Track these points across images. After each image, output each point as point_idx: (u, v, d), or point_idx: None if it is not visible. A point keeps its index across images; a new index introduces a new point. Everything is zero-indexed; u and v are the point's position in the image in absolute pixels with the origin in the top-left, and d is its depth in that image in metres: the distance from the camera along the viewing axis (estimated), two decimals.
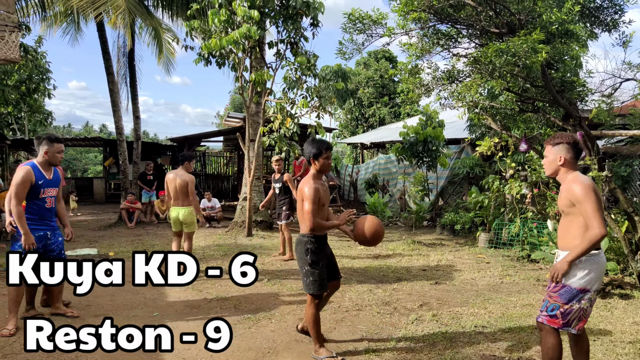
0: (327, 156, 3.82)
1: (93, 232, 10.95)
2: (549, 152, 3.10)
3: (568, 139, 3.04)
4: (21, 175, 4.32)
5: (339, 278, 4.15)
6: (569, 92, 7.33)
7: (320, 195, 3.76)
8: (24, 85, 19.28)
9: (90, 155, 40.74)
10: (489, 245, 8.66)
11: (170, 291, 5.81)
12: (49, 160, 4.50)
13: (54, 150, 4.50)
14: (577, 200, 2.86)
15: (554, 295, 2.97)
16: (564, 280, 2.92)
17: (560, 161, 3.03)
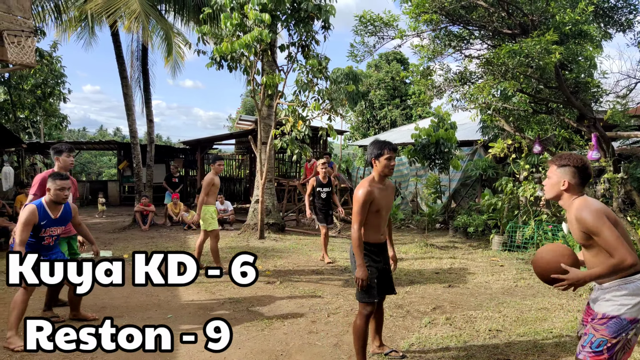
0: (389, 157, 3.52)
1: (108, 234, 11.07)
2: (553, 173, 2.76)
3: (576, 162, 2.69)
4: (25, 216, 4.25)
5: (392, 294, 3.87)
6: (583, 93, 7.25)
7: (374, 198, 3.50)
8: (39, 90, 19.60)
9: (105, 158, 41.20)
10: (502, 248, 8.58)
11: (183, 293, 5.86)
12: (53, 200, 4.40)
13: (55, 188, 4.38)
14: (592, 232, 2.54)
15: (600, 328, 2.58)
16: (612, 311, 2.57)
17: (564, 186, 2.70)
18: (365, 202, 3.47)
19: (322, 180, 7.95)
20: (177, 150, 21.92)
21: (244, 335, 4.40)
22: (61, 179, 4.42)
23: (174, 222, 12.56)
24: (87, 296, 5.64)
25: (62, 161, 5.04)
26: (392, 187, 3.80)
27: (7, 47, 5.75)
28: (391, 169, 3.58)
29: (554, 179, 2.75)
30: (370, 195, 3.49)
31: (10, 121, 19.49)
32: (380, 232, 3.65)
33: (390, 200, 3.72)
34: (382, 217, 3.61)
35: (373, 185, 3.56)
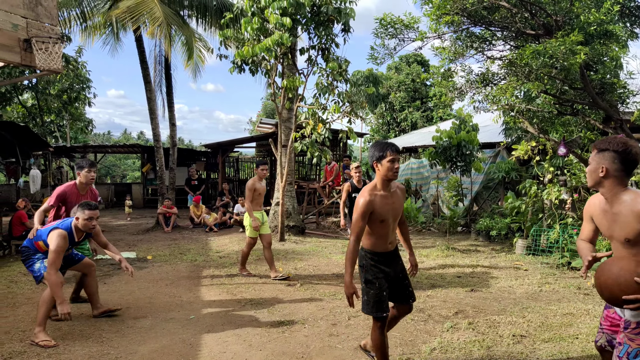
0: (392, 159, 3.19)
1: (132, 236, 11.26)
2: (592, 158, 2.53)
3: (617, 146, 2.42)
4: (57, 243, 4.31)
5: (409, 303, 3.58)
6: (609, 94, 7.11)
7: (375, 209, 3.23)
8: (65, 94, 20.11)
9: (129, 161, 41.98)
10: (526, 252, 8.44)
11: (205, 294, 5.92)
12: (81, 229, 4.53)
13: (84, 218, 4.48)
14: None
15: (636, 338, 2.41)
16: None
17: (602, 172, 2.45)
18: (364, 213, 3.19)
19: (357, 185, 7.49)
20: (198, 153, 22.19)
21: (265, 337, 4.43)
22: (90, 209, 4.52)
23: (196, 224, 12.71)
24: (112, 296, 5.78)
25: (83, 176, 5.19)
26: (401, 191, 3.46)
27: (35, 53, 5.90)
28: (395, 172, 3.23)
29: (593, 165, 2.51)
30: (370, 206, 3.21)
31: (38, 125, 20.04)
32: (388, 241, 3.39)
33: (399, 206, 3.39)
34: (388, 226, 3.34)
35: (374, 193, 3.26)
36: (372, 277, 3.33)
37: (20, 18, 5.87)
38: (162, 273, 7.16)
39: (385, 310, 3.32)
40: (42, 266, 4.44)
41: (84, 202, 4.60)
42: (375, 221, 3.27)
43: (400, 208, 3.42)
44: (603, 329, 2.72)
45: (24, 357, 3.88)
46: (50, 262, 4.28)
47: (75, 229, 4.54)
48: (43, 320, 4.25)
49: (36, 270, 4.47)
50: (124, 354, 4.01)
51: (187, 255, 8.52)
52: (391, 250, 3.44)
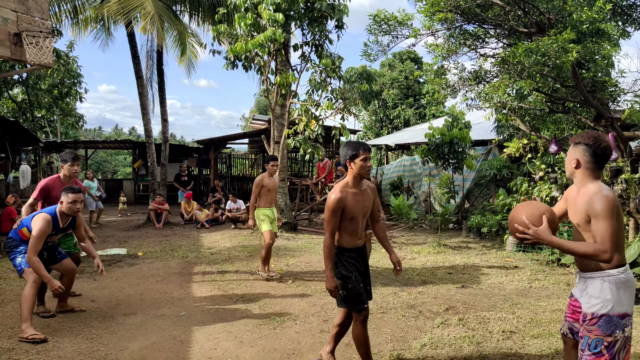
0: (364, 158, 3.31)
1: (122, 232, 11.20)
2: (569, 151, 2.71)
3: (587, 140, 2.59)
4: (40, 227, 4.31)
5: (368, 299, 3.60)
6: (601, 92, 7.15)
7: (346, 205, 3.32)
8: (56, 89, 19.93)
9: (120, 157, 41.72)
10: (517, 249, 8.49)
11: (197, 291, 5.90)
12: (65, 212, 4.53)
13: (68, 201, 4.49)
14: (592, 214, 2.46)
15: (592, 329, 2.55)
16: (599, 310, 2.54)
17: (574, 164, 2.62)
18: (336, 209, 3.28)
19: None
20: (191, 150, 22.09)
21: (256, 333, 4.42)
22: (73, 192, 4.52)
23: (187, 221, 12.66)
24: (102, 292, 5.75)
25: (66, 169, 5.17)
26: (372, 190, 3.55)
27: (26, 47, 5.84)
28: (368, 171, 3.35)
29: (568, 157, 2.69)
30: (341, 203, 3.29)
31: (28, 120, 19.85)
32: (357, 238, 3.47)
33: (368, 204, 3.48)
34: (358, 223, 3.42)
35: (346, 190, 3.34)
36: (347, 272, 3.39)
37: (10, 12, 5.80)
38: (153, 269, 7.13)
39: (365, 301, 3.39)
40: (23, 261, 4.40)
41: (67, 187, 4.59)
42: (346, 218, 3.35)
43: (369, 206, 3.50)
44: (566, 317, 2.85)
45: (12, 354, 3.85)
46: (30, 246, 4.26)
47: (60, 214, 4.53)
48: (28, 316, 4.21)
49: (17, 265, 4.44)
50: (114, 350, 3.98)
51: (178, 252, 8.49)
52: (360, 246, 3.53)
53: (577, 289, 2.70)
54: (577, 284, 2.72)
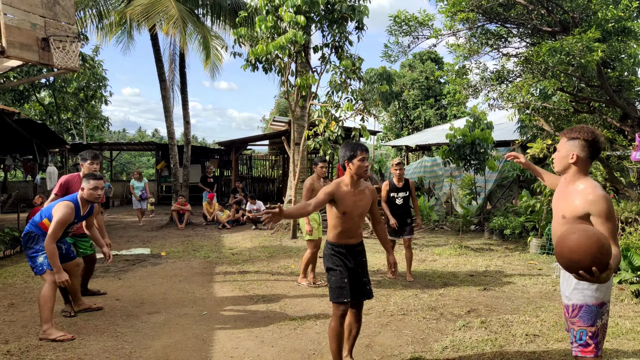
0: (362, 158, 3.41)
1: (146, 232, 11.39)
2: (562, 145, 2.69)
3: (586, 135, 2.60)
4: (62, 214, 4.28)
5: (363, 298, 3.61)
6: (627, 91, 7.00)
7: (336, 198, 3.42)
8: (82, 93, 20.38)
9: (144, 159, 42.41)
10: (540, 251, 8.35)
11: (218, 291, 5.97)
12: (86, 199, 4.49)
13: (89, 187, 4.45)
14: (599, 215, 2.45)
15: (575, 320, 2.62)
16: (578, 300, 2.60)
17: (572, 159, 2.62)
18: (327, 193, 3.39)
19: (396, 184, 6.61)
20: (212, 151, 22.34)
21: (276, 333, 4.45)
22: (95, 179, 4.51)
23: (209, 221, 12.81)
24: (127, 291, 5.86)
25: (86, 168, 5.25)
26: (371, 192, 3.58)
27: (53, 52, 6.00)
28: (365, 170, 3.45)
29: (563, 152, 2.68)
30: (332, 189, 3.40)
31: (55, 123, 20.35)
32: (349, 236, 3.53)
33: (365, 204, 3.53)
34: (351, 220, 3.48)
35: (341, 186, 3.45)
36: (333, 265, 3.49)
37: (38, 17, 5.97)
38: (176, 269, 7.24)
39: (346, 296, 3.43)
40: (45, 261, 4.31)
41: (88, 174, 4.59)
42: (337, 212, 3.45)
43: (366, 207, 3.56)
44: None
45: (40, 351, 3.95)
46: (50, 232, 4.20)
47: (81, 200, 4.49)
48: (49, 317, 4.22)
49: (38, 265, 4.34)
50: (138, 348, 4.06)
51: (200, 252, 8.60)
52: (352, 244, 3.58)
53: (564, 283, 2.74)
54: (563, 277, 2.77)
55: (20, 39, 5.69)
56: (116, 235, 10.96)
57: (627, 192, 7.54)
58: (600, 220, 2.47)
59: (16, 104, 18.99)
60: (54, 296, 4.32)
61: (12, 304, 5.30)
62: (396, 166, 6.56)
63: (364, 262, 3.67)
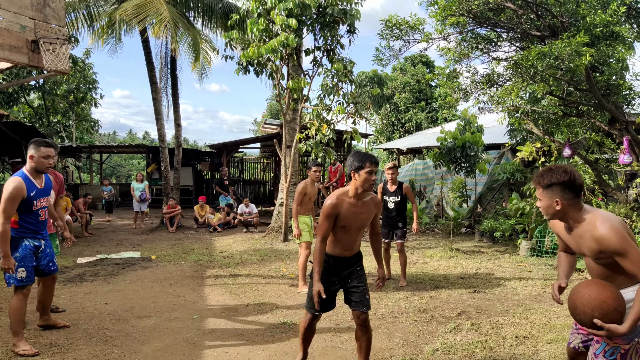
0: (370, 171, 3.21)
1: (136, 235, 11.31)
2: (540, 195, 2.55)
3: (560, 177, 2.46)
4: (11, 189, 3.89)
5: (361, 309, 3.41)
6: (615, 95, 7.08)
7: (340, 213, 3.26)
8: (72, 95, 20.23)
9: (134, 161, 42.16)
10: (530, 254, 8.41)
11: (209, 294, 5.94)
12: (35, 167, 4.09)
13: (40, 155, 4.06)
14: (617, 253, 2.34)
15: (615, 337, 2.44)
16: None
17: (559, 206, 2.48)
18: (329, 215, 3.24)
19: (389, 188, 6.64)
20: (203, 154, 22.26)
21: (268, 337, 4.44)
22: (46, 146, 4.12)
23: (200, 225, 12.76)
24: (116, 295, 5.81)
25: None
26: (375, 203, 3.42)
27: (43, 54, 5.95)
28: (371, 185, 3.26)
29: (545, 202, 2.53)
30: (336, 209, 3.25)
31: (44, 125, 20.18)
32: (345, 248, 3.40)
33: (366, 216, 3.38)
34: (350, 233, 3.35)
35: (343, 198, 3.29)
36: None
37: (28, 19, 5.92)
38: (166, 273, 7.19)
39: (315, 310, 3.38)
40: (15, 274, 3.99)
41: (39, 140, 4.16)
42: (337, 225, 3.31)
43: (367, 220, 3.43)
44: (578, 330, 2.77)
45: (29, 357, 3.91)
46: (1, 210, 3.83)
47: (30, 172, 4.09)
48: (19, 329, 4.01)
49: (7, 277, 4.03)
50: (128, 353, 4.03)
51: (191, 255, 8.55)
52: (347, 257, 3.44)
53: None
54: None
55: (9, 41, 5.64)
56: (106, 238, 10.88)
57: (615, 195, 7.62)
58: (619, 258, 2.36)
59: (5, 107, 18.81)
60: (23, 308, 4.06)
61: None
62: (389, 170, 6.57)
63: (359, 271, 3.49)
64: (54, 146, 4.27)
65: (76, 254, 8.59)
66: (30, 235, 4.16)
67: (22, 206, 4.01)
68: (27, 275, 4.08)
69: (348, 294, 3.48)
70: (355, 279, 3.47)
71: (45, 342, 4.19)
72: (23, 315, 4.08)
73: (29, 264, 4.12)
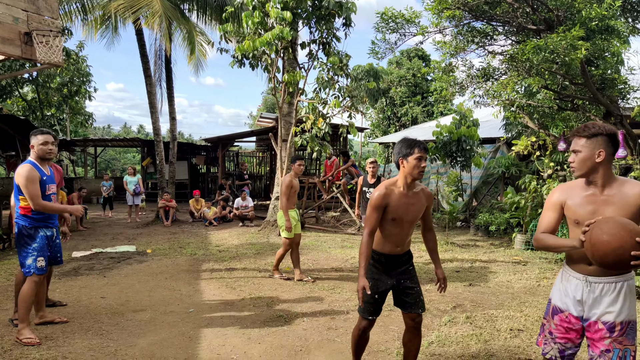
0: (419, 157, 3.00)
1: (131, 229, 11.29)
2: (581, 146, 2.38)
3: (609, 130, 2.35)
4: (25, 173, 4.05)
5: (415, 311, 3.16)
6: (610, 89, 7.10)
7: (389, 203, 3.04)
8: (66, 88, 20.09)
9: (129, 155, 41.98)
10: (525, 247, 8.46)
11: (205, 288, 5.94)
12: (38, 155, 4.22)
13: (39, 142, 4.19)
14: None
15: (623, 339, 2.35)
16: (627, 317, 2.37)
17: (600, 157, 2.33)
18: (378, 206, 3.03)
19: (369, 181, 7.30)
20: (199, 148, 22.20)
21: (264, 330, 4.45)
22: (42, 133, 4.23)
23: (196, 219, 12.74)
24: (112, 289, 5.80)
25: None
26: (426, 195, 3.21)
27: (36, 46, 5.90)
28: (421, 172, 3.03)
29: (586, 152, 2.36)
30: (385, 199, 3.03)
31: (38, 119, 20.05)
32: (396, 244, 3.16)
33: (418, 209, 3.15)
34: (401, 227, 3.11)
35: (392, 189, 3.08)
36: (368, 277, 3.06)
37: (21, 11, 5.86)
38: (162, 266, 7.19)
39: (371, 313, 3.16)
40: (34, 264, 4.12)
41: (35, 129, 4.30)
42: (386, 218, 3.08)
43: (419, 212, 3.18)
44: (555, 339, 2.56)
45: (24, 350, 3.90)
46: (29, 195, 4.01)
47: (36, 160, 4.22)
48: (25, 317, 4.07)
49: (26, 265, 4.13)
50: (124, 346, 4.03)
51: (186, 249, 8.55)
52: (399, 254, 3.21)
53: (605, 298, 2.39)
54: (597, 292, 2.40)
55: (2, 33, 5.58)
56: (101, 232, 10.85)
57: None
58: None
59: None
60: (33, 296, 4.15)
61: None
62: (370, 164, 7.31)
63: (411, 271, 3.27)
64: (51, 134, 4.36)
65: (71, 248, 8.56)
66: (43, 223, 4.26)
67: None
68: (45, 265, 4.25)
69: (401, 294, 3.21)
70: (409, 280, 3.22)
71: (41, 336, 4.18)
72: (32, 303, 4.19)
73: (46, 253, 4.26)
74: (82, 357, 3.79)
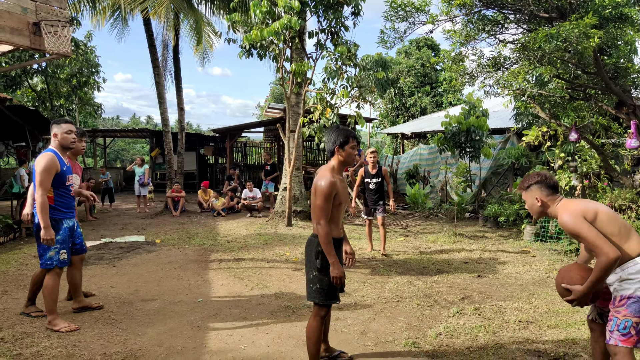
0: (353, 145, 3.29)
1: (140, 220, 11.36)
2: (525, 198, 3.04)
3: (534, 179, 2.96)
4: (45, 161, 4.03)
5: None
6: (623, 78, 6.97)
7: (338, 191, 3.19)
8: (75, 79, 20.15)
9: (138, 146, 42.17)
10: (534, 239, 8.40)
11: (213, 278, 5.97)
12: (61, 144, 4.21)
13: (63, 131, 4.19)
14: (573, 234, 2.73)
15: (621, 309, 2.66)
16: (627, 291, 2.65)
17: (539, 202, 2.93)
18: (330, 194, 3.13)
19: (370, 171, 7.44)
20: (207, 138, 22.22)
21: (271, 320, 4.46)
22: (66, 122, 4.24)
23: (204, 209, 12.79)
24: (121, 279, 5.84)
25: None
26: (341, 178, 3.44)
27: (45, 36, 5.89)
28: (354, 158, 3.36)
29: (529, 202, 3.00)
30: (334, 187, 3.15)
31: (47, 109, 20.16)
32: (339, 227, 3.34)
33: (347, 192, 3.39)
34: (341, 211, 3.30)
35: (335, 176, 3.22)
36: (327, 264, 3.15)
37: (29, 1, 5.85)
38: (171, 257, 7.23)
39: (337, 299, 3.26)
40: (57, 256, 4.13)
41: (57, 118, 4.32)
42: (334, 204, 3.20)
43: (348, 194, 3.43)
44: (595, 303, 2.95)
45: (34, 338, 3.94)
46: (38, 182, 3.98)
47: (58, 149, 4.22)
48: (53, 308, 4.14)
49: (47, 259, 4.12)
50: (133, 335, 4.06)
51: (195, 239, 8.58)
52: (340, 238, 3.37)
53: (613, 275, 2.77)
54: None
55: (10, 24, 5.58)
56: (110, 222, 10.92)
57: (622, 180, 7.56)
58: (575, 236, 2.74)
59: (8, 90, 18.77)
60: (57, 286, 4.19)
61: (5, 291, 5.29)
62: (371, 154, 7.49)
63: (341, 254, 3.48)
64: (74, 124, 4.39)
65: None
66: (65, 213, 4.28)
67: (57, 180, 4.14)
68: (68, 257, 4.29)
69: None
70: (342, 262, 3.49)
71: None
72: (57, 294, 4.23)
73: (68, 245, 4.30)
74: (92, 346, 3.83)
